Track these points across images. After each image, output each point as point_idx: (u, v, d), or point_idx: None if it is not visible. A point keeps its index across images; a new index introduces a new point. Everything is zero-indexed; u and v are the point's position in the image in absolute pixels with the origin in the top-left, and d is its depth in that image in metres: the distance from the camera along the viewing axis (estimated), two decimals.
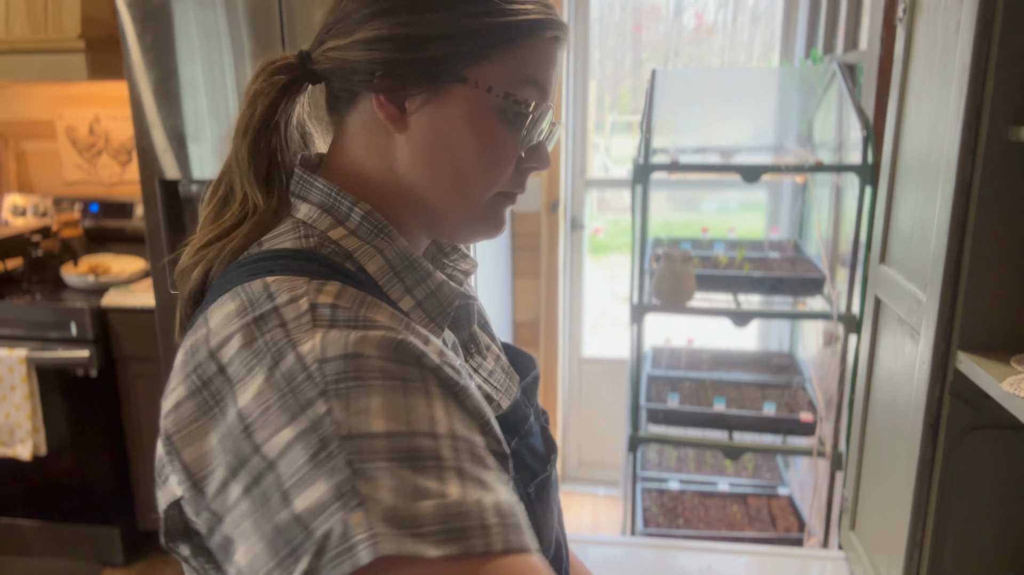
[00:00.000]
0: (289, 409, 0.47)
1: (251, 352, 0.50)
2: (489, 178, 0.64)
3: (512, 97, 0.62)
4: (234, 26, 2.01)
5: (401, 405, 0.48)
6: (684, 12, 3.06)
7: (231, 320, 0.53)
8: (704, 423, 2.10)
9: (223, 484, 0.48)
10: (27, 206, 2.88)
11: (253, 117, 0.63)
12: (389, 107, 0.62)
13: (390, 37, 0.60)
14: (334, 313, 0.52)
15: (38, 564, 2.65)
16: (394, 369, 0.49)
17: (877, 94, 1.82)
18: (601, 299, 3.51)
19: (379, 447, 0.46)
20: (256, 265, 0.58)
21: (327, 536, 0.43)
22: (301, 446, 0.46)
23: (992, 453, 1.04)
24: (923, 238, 1.07)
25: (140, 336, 2.44)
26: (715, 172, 2.47)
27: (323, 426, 0.46)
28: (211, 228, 0.65)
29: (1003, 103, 0.91)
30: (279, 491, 0.45)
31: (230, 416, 0.49)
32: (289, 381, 0.48)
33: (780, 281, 2.07)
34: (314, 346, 0.49)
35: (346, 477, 0.44)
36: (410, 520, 0.43)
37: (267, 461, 0.46)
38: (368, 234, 0.63)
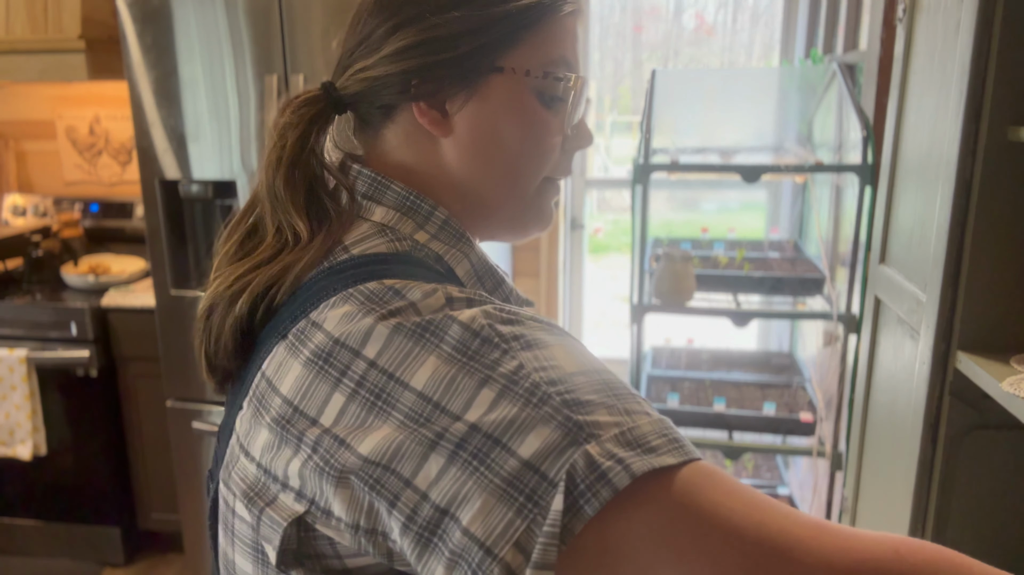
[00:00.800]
0: (477, 373, 0.48)
1: (403, 337, 0.50)
2: (539, 163, 0.65)
3: (552, 75, 0.63)
4: (234, 26, 2.01)
5: (576, 349, 0.51)
6: (684, 12, 3.06)
7: (356, 317, 0.52)
8: (704, 423, 2.10)
9: (421, 459, 0.46)
10: (27, 206, 2.88)
11: (285, 149, 0.62)
12: (431, 112, 0.62)
13: (419, 43, 0.60)
14: (470, 304, 0.52)
15: (38, 564, 2.65)
16: (551, 327, 0.52)
17: (877, 94, 1.82)
18: (601, 299, 3.51)
19: (580, 383, 0.47)
20: (358, 270, 0.56)
21: (571, 472, 0.44)
22: (507, 400, 0.46)
23: (992, 453, 1.04)
24: (923, 238, 1.07)
25: (140, 336, 2.44)
26: (715, 172, 2.47)
27: (522, 376, 0.47)
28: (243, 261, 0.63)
29: (1003, 103, 0.92)
30: (496, 446, 0.45)
31: (405, 401, 0.48)
32: (463, 351, 0.48)
33: (780, 281, 2.07)
34: (474, 315, 0.50)
35: (565, 415, 0.45)
36: (639, 439, 0.45)
37: (469, 424, 0.46)
38: (450, 239, 0.64)
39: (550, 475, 0.44)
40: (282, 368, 0.54)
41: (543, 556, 0.43)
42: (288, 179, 0.62)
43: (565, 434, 0.45)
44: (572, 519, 0.43)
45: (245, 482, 0.55)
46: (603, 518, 0.44)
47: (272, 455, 0.53)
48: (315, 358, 0.52)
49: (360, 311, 0.52)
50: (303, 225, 0.61)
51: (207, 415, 2.30)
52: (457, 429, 0.46)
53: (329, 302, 0.54)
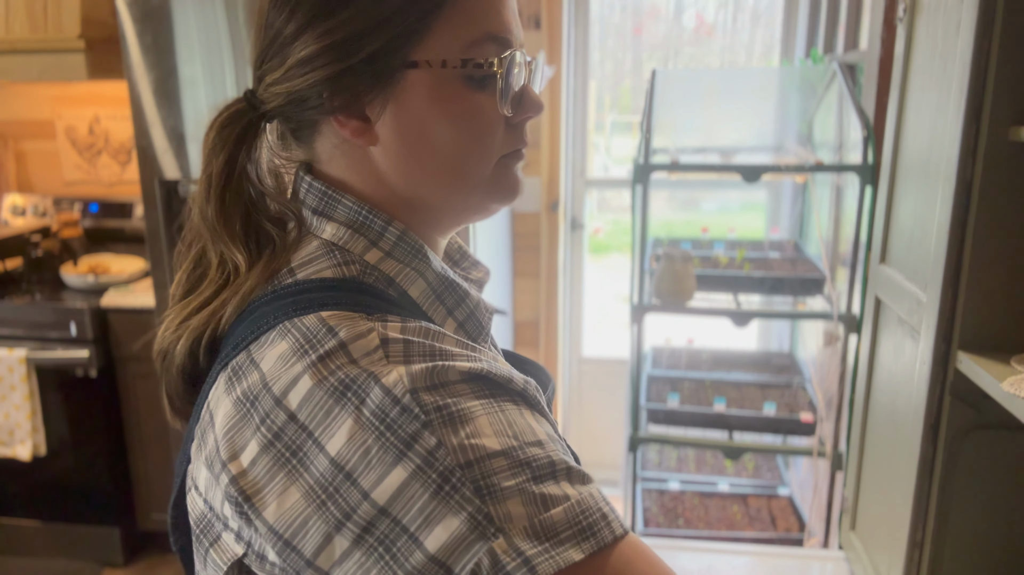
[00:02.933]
0: (392, 448, 0.45)
1: (325, 393, 0.47)
2: (481, 151, 0.59)
3: (471, 62, 0.56)
4: (234, 26, 2.01)
5: (504, 421, 0.47)
6: (684, 12, 3.06)
7: (289, 361, 0.49)
8: (704, 423, 2.10)
9: (326, 539, 0.45)
10: (27, 206, 2.88)
11: (212, 178, 0.58)
12: (351, 123, 0.57)
13: (322, 51, 0.54)
14: (407, 347, 0.49)
15: (38, 564, 2.65)
16: (482, 391, 0.49)
17: (877, 94, 1.82)
18: (601, 299, 3.51)
19: (499, 466, 0.45)
20: (301, 297, 0.53)
21: (476, 569, 0.42)
22: (419, 484, 0.44)
23: (992, 453, 1.04)
24: (923, 238, 1.07)
25: (140, 336, 2.44)
26: (715, 172, 2.47)
27: (438, 459, 0.45)
28: (188, 300, 0.61)
29: (1003, 103, 0.91)
30: (404, 535, 0.44)
31: (318, 466, 0.46)
32: (382, 419, 0.46)
33: (780, 281, 2.07)
34: (400, 378, 0.47)
35: (476, 506, 0.44)
36: (548, 531, 0.44)
37: (378, 507, 0.44)
38: (405, 255, 0.59)
39: (455, 571, 0.43)
40: (219, 401, 0.53)
41: None
42: (219, 209, 0.58)
43: (473, 527, 0.43)
44: None
45: (194, 516, 0.55)
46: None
47: (211, 493, 0.52)
48: (244, 399, 0.50)
49: (293, 354, 0.50)
50: (242, 257, 0.58)
51: None
52: (365, 511, 0.45)
53: (269, 336, 0.52)
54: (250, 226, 0.59)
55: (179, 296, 0.63)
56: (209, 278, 0.60)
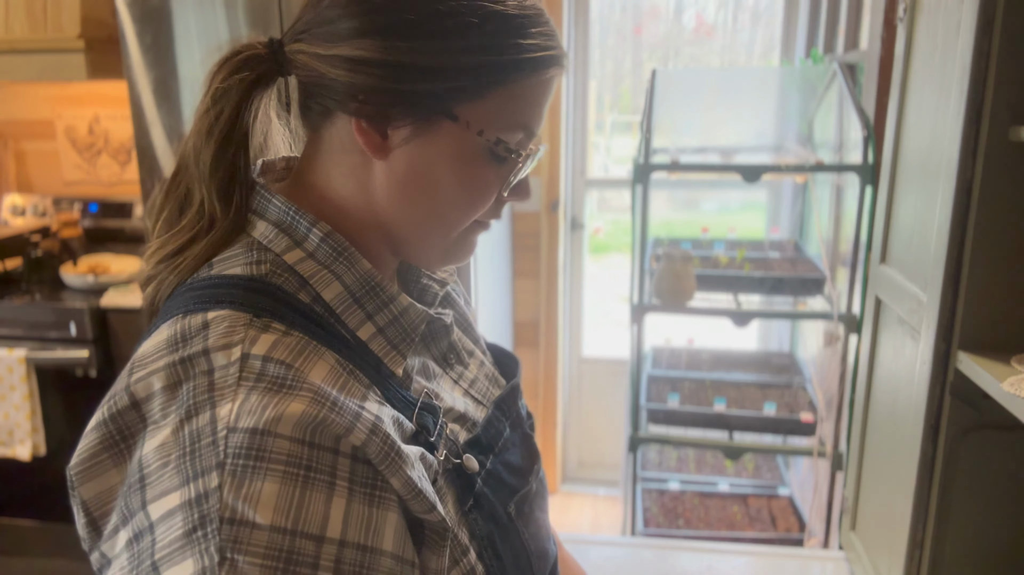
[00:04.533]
0: (183, 472, 0.47)
1: (170, 396, 0.49)
2: (468, 214, 0.61)
3: (503, 144, 0.58)
4: (234, 26, 2.01)
5: (294, 498, 0.46)
6: (684, 12, 3.06)
7: (159, 351, 0.52)
8: (704, 423, 2.10)
9: (114, 530, 0.49)
10: (26, 206, 2.88)
11: (219, 119, 0.57)
12: (370, 134, 0.57)
13: (379, 62, 0.54)
14: (264, 367, 0.50)
15: (38, 564, 2.65)
16: (301, 454, 0.47)
17: (877, 94, 1.82)
18: (601, 299, 3.51)
19: (256, 540, 0.44)
20: (204, 292, 0.55)
21: None
22: (181, 517, 0.45)
23: (992, 453, 1.04)
24: (923, 238, 1.07)
25: (140, 336, 2.44)
26: (715, 172, 2.47)
27: (208, 501, 0.45)
28: (169, 237, 0.61)
29: (1003, 103, 0.91)
30: (151, 558, 0.45)
31: (133, 460, 0.49)
32: (194, 441, 0.47)
33: (780, 281, 2.07)
34: (231, 410, 0.47)
35: (213, 564, 0.44)
36: None
37: (149, 522, 0.46)
38: (327, 257, 0.59)
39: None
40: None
41: None
42: (217, 156, 0.58)
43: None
44: None
45: None
46: None
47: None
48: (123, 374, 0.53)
49: (166, 346, 0.52)
50: (220, 208, 0.59)
51: None
52: (139, 520, 0.47)
53: (164, 324, 0.54)
54: (232, 182, 0.59)
55: (155, 219, 0.63)
56: (188, 218, 0.61)
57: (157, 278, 0.61)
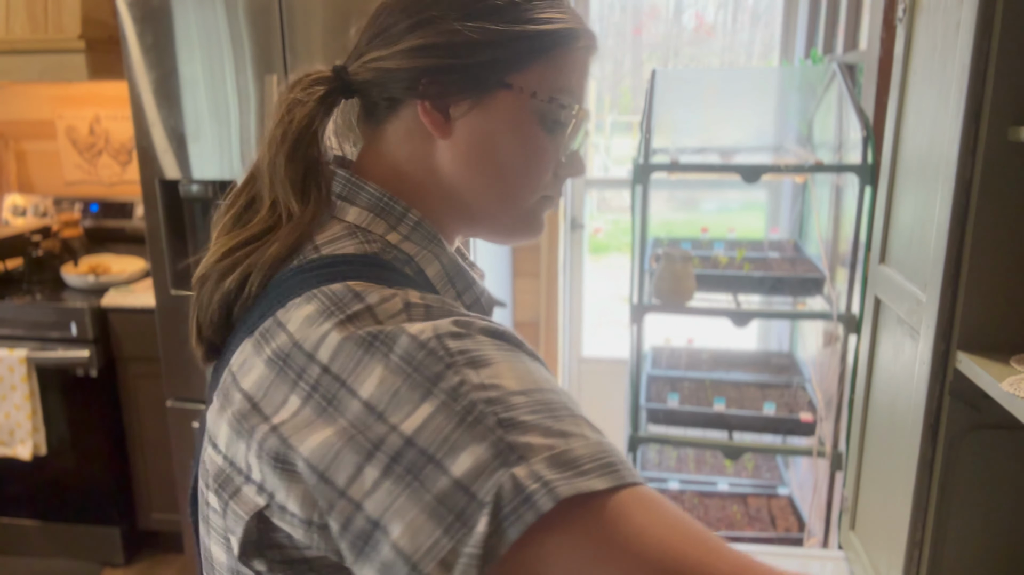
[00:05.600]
0: (420, 386, 0.48)
1: (355, 345, 0.51)
2: (532, 181, 0.66)
3: (556, 101, 0.64)
4: (234, 26, 2.01)
5: (522, 368, 0.51)
6: (684, 12, 3.06)
7: (316, 320, 0.53)
8: (704, 423, 2.10)
9: (357, 470, 0.47)
10: (27, 206, 2.88)
11: (292, 125, 0.63)
12: (434, 113, 0.63)
13: (436, 45, 0.62)
14: (428, 311, 0.53)
15: (38, 564, 2.65)
16: (501, 342, 0.52)
17: (877, 94, 1.82)
18: (601, 299, 3.51)
19: (518, 403, 0.48)
20: (326, 270, 0.58)
21: (498, 493, 0.44)
22: (443, 416, 0.47)
23: (992, 453, 1.04)
24: (923, 238, 1.07)
25: (140, 336, 2.44)
26: (715, 172, 2.47)
27: (461, 394, 0.47)
28: (236, 233, 0.64)
29: (1003, 103, 0.92)
30: (430, 462, 0.46)
31: (352, 410, 0.49)
32: (409, 362, 0.49)
33: (780, 281, 2.07)
34: (424, 328, 0.51)
35: (499, 436, 0.46)
36: (570, 462, 0.45)
37: (406, 437, 0.47)
38: (422, 240, 0.64)
39: (479, 495, 0.44)
40: (246, 364, 0.56)
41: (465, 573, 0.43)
42: (290, 156, 0.63)
43: (496, 454, 0.45)
44: (496, 541, 0.44)
45: (212, 473, 0.57)
46: (527, 541, 0.44)
47: (234, 448, 0.54)
48: (276, 358, 0.54)
49: (320, 315, 0.53)
50: (296, 205, 0.62)
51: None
52: (394, 441, 0.47)
53: (295, 302, 0.55)
54: (308, 181, 0.63)
55: (226, 227, 0.66)
56: (260, 216, 0.64)
57: (243, 264, 0.62)
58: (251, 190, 0.66)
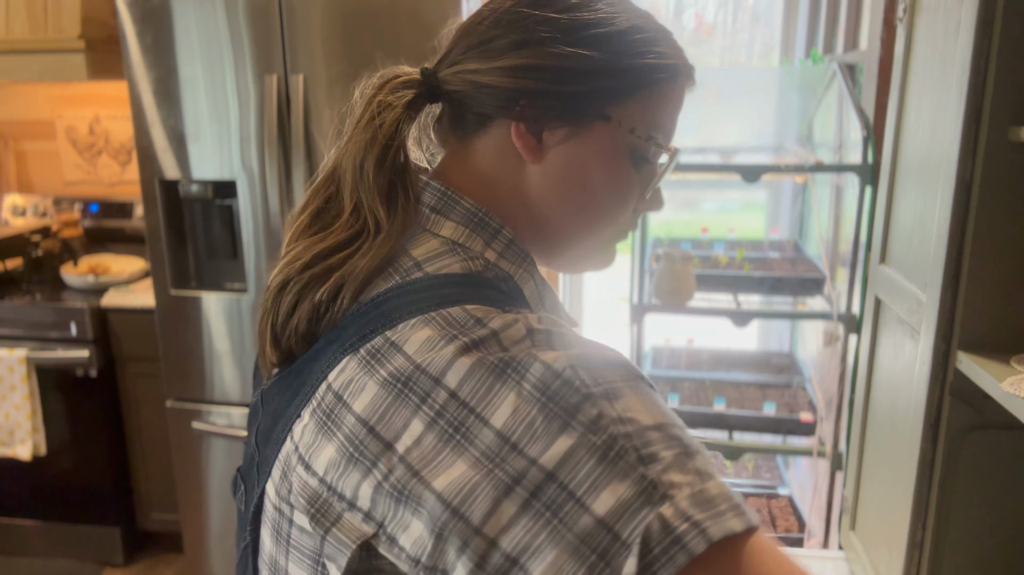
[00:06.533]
0: (557, 418, 0.47)
1: (485, 371, 0.49)
2: (614, 215, 0.65)
3: (653, 140, 0.63)
4: (234, 26, 2.01)
5: (651, 401, 0.49)
6: (684, 12, 3.06)
7: (438, 344, 0.51)
8: (704, 423, 2.10)
9: (494, 504, 0.46)
10: (27, 206, 2.88)
11: (382, 129, 0.61)
12: (528, 137, 0.62)
13: (540, 67, 0.60)
14: (550, 339, 0.52)
15: (38, 564, 2.65)
16: (626, 374, 0.51)
17: (877, 94, 1.82)
18: (601, 299, 3.51)
19: (656, 439, 0.46)
20: (435, 292, 0.56)
21: (646, 533, 0.43)
22: (584, 450, 0.45)
23: (992, 453, 1.04)
24: (923, 238, 1.07)
25: (140, 336, 2.44)
26: (715, 172, 2.46)
27: (601, 427, 0.46)
28: (321, 236, 0.62)
29: (1003, 103, 0.91)
30: (572, 499, 0.44)
31: (484, 439, 0.47)
32: (544, 391, 0.48)
33: (780, 281, 2.07)
34: (557, 358, 0.49)
35: (641, 473, 0.45)
36: (709, 502, 0.44)
37: (546, 472, 0.45)
38: (516, 258, 0.63)
39: (623, 535, 0.43)
40: (354, 384, 0.53)
41: None
42: (379, 162, 0.61)
43: (640, 492, 0.44)
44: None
45: (305, 496, 0.54)
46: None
47: (339, 474, 0.52)
48: (394, 380, 0.51)
49: (442, 338, 0.51)
50: (383, 213, 0.60)
51: (207, 415, 2.30)
52: (533, 476, 0.45)
53: (409, 323, 0.53)
54: (394, 190, 0.61)
55: (303, 228, 0.64)
56: (342, 221, 0.62)
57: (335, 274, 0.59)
58: (328, 190, 0.64)
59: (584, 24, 0.60)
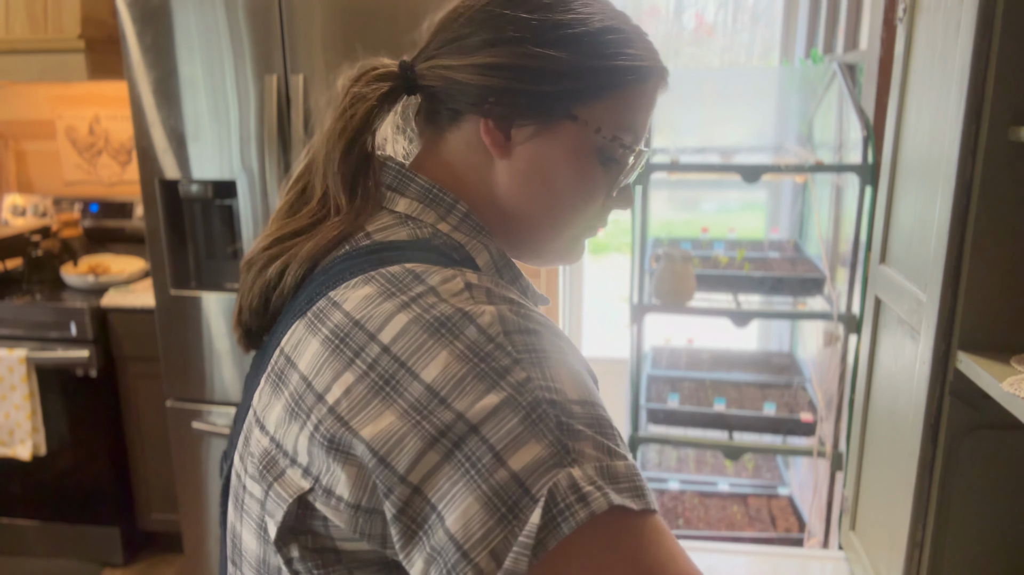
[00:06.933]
0: (487, 378, 0.49)
1: (420, 328, 0.51)
2: (580, 213, 0.67)
3: (619, 140, 0.64)
4: (234, 26, 2.01)
5: (579, 377, 0.52)
6: (684, 12, 3.06)
7: (375, 300, 0.53)
8: (704, 423, 2.10)
9: (419, 454, 0.48)
10: (27, 206, 2.88)
11: (353, 120, 0.63)
12: (496, 133, 0.63)
13: (510, 66, 0.61)
14: (489, 293, 0.54)
15: (38, 564, 2.65)
16: (562, 345, 0.53)
17: (877, 94, 1.82)
18: (601, 299, 3.51)
19: (577, 412, 0.49)
20: (379, 255, 0.58)
21: (553, 490, 0.46)
22: (509, 409, 0.48)
23: (992, 453, 1.04)
24: (923, 238, 1.07)
25: (140, 336, 2.44)
26: (715, 172, 2.47)
27: (527, 390, 0.48)
28: (287, 222, 0.65)
29: (1003, 103, 0.91)
30: (490, 453, 0.47)
31: (412, 392, 0.49)
32: (476, 352, 0.50)
33: (780, 281, 2.07)
34: (493, 319, 0.51)
35: (557, 437, 0.47)
36: (613, 477, 0.47)
37: (470, 426, 0.48)
38: (470, 231, 0.65)
39: (533, 491, 0.46)
40: (301, 345, 0.56)
41: (514, 565, 0.45)
42: (346, 151, 0.63)
43: (553, 454, 0.47)
44: (547, 535, 0.45)
45: (256, 455, 0.57)
46: (571, 541, 0.45)
47: (284, 430, 0.54)
48: (332, 336, 0.53)
49: (381, 295, 0.53)
50: (344, 199, 0.63)
51: (207, 415, 2.30)
52: (459, 429, 0.48)
53: (350, 283, 0.56)
54: (358, 177, 0.64)
55: (282, 215, 0.67)
56: (309, 207, 0.65)
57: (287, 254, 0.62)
58: (304, 179, 0.67)
59: (554, 25, 0.62)
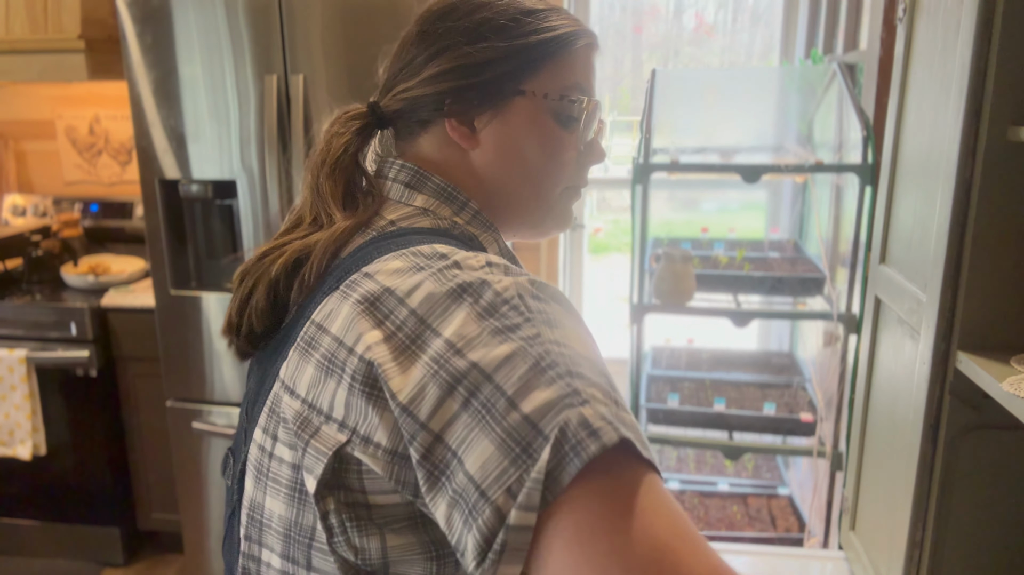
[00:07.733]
0: (500, 333, 0.53)
1: (445, 294, 0.56)
2: (556, 173, 0.74)
3: (566, 98, 0.72)
4: (234, 26, 2.01)
5: (589, 342, 0.56)
6: (684, 12, 3.06)
7: (407, 272, 0.58)
8: (704, 423, 2.10)
9: (438, 402, 0.52)
10: (27, 206, 2.88)
11: (329, 152, 0.71)
12: (461, 128, 0.72)
13: (453, 68, 0.70)
14: (508, 269, 0.59)
15: (38, 564, 2.65)
16: (570, 311, 0.58)
17: (877, 94, 1.82)
18: (601, 299, 3.51)
19: (586, 367, 0.52)
20: (407, 237, 0.64)
21: (563, 428, 0.48)
22: (520, 358, 0.51)
23: (992, 453, 1.04)
24: (923, 238, 1.07)
25: (140, 336, 2.44)
26: (715, 172, 2.47)
27: (538, 342, 0.52)
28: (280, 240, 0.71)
29: (1003, 103, 0.92)
30: (504, 398, 0.50)
31: (434, 347, 0.53)
32: (492, 312, 0.54)
33: (780, 281, 2.07)
34: (507, 286, 0.56)
35: (568, 382, 0.50)
36: (621, 420, 0.50)
37: (485, 374, 0.51)
38: (481, 226, 0.73)
39: (544, 431, 0.48)
40: (332, 313, 0.60)
41: (528, 498, 0.47)
42: (329, 175, 0.71)
43: (563, 396, 0.49)
44: (560, 471, 0.47)
45: (289, 418, 0.60)
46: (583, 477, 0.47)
47: (319, 389, 0.58)
48: (363, 300, 0.58)
49: (411, 268, 0.58)
50: (338, 213, 0.69)
51: (207, 415, 2.30)
52: (474, 377, 0.51)
53: (383, 258, 0.61)
54: (348, 195, 0.71)
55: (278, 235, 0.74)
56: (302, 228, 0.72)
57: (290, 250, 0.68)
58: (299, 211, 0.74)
59: (480, 22, 0.71)
